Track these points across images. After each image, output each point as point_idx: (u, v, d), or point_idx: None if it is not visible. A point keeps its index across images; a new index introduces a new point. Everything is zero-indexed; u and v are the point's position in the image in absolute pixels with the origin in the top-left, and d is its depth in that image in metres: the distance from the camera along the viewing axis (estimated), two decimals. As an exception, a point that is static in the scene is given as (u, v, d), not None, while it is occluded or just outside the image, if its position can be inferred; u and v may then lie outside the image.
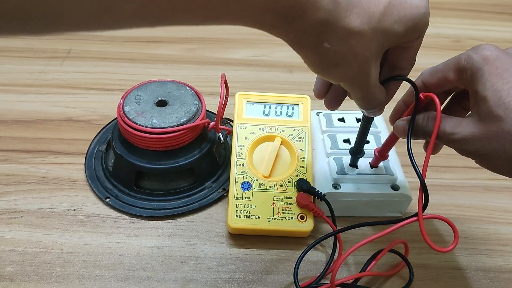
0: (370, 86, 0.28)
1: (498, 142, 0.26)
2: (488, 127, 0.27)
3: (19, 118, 0.50)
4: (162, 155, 0.41)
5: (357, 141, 0.39)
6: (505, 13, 0.76)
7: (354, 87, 0.28)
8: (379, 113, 0.32)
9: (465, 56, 0.28)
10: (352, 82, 0.28)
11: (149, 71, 0.59)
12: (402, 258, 0.38)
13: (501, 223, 0.43)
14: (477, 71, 0.27)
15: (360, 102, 0.31)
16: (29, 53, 0.60)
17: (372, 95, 0.29)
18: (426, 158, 0.30)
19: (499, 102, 0.26)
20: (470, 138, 0.28)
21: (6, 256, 0.37)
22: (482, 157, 0.28)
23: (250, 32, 0.70)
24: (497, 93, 0.26)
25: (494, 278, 0.38)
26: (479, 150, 0.28)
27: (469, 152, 0.28)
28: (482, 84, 0.27)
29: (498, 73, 0.27)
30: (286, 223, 0.38)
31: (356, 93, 0.29)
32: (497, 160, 0.27)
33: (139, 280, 0.36)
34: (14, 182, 0.43)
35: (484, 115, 0.27)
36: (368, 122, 0.36)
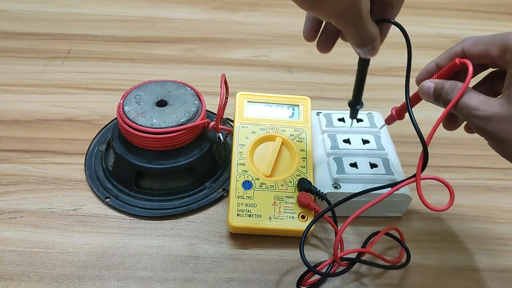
0: (363, 20, 0.27)
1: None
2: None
3: (19, 118, 0.50)
4: (162, 155, 0.41)
5: (355, 89, 0.36)
6: (505, 13, 0.76)
7: (346, 22, 0.27)
8: (373, 53, 0.31)
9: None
10: (344, 16, 0.27)
11: (149, 71, 0.59)
12: (398, 241, 0.39)
13: (501, 223, 0.43)
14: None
15: (354, 39, 0.29)
16: (29, 53, 0.60)
17: (366, 30, 0.28)
18: (437, 122, 0.30)
19: None
20: (493, 118, 0.27)
21: (6, 256, 0.37)
22: (498, 140, 0.27)
23: (250, 32, 0.70)
24: None
25: (494, 278, 0.38)
26: (498, 132, 0.27)
27: (487, 131, 0.28)
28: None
29: None
30: (287, 222, 0.38)
31: (349, 29, 0.28)
32: (510, 145, 0.27)
33: (139, 280, 0.36)
34: (14, 182, 0.43)
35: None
36: (365, 66, 0.34)
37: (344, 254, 0.36)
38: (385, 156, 0.43)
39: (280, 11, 0.72)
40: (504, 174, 0.47)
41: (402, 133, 0.47)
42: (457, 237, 0.41)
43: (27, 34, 0.64)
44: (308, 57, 0.63)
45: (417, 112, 0.33)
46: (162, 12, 0.71)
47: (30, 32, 0.64)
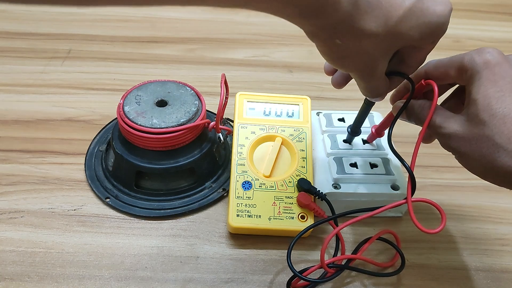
0: (375, 79, 0.30)
1: (477, 145, 0.27)
2: (472, 129, 0.28)
3: (19, 118, 0.50)
4: (162, 155, 0.41)
5: (356, 121, 0.41)
6: (505, 13, 0.76)
7: (359, 78, 0.30)
8: (379, 100, 0.34)
9: (469, 57, 0.29)
10: (358, 73, 0.30)
11: (149, 71, 0.59)
12: (393, 246, 0.38)
13: (501, 223, 0.43)
14: (476, 74, 0.28)
15: (363, 90, 0.33)
16: (29, 53, 0.60)
17: (375, 87, 0.31)
18: (417, 145, 0.32)
19: (487, 108, 0.27)
20: (454, 135, 0.29)
21: (6, 256, 0.37)
22: (461, 155, 0.29)
23: (250, 32, 0.70)
24: (488, 99, 0.27)
25: (494, 278, 0.38)
26: (459, 148, 0.29)
27: (450, 147, 0.30)
28: (476, 87, 0.28)
29: (495, 79, 0.27)
30: (287, 223, 0.38)
31: (361, 83, 0.31)
32: (472, 160, 0.28)
33: (139, 280, 0.36)
34: (14, 182, 0.43)
35: (471, 116, 0.28)
36: (369, 106, 0.38)
37: (332, 260, 0.35)
38: (385, 156, 0.43)
39: (280, 11, 0.72)
40: (504, 174, 0.47)
41: (402, 133, 0.47)
42: (457, 238, 0.41)
43: (27, 34, 0.64)
44: (308, 57, 0.63)
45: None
46: (162, 12, 0.71)
47: (30, 32, 0.64)
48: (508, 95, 0.27)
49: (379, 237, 0.38)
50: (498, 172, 0.27)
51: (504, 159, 0.26)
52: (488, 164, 0.27)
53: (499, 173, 0.27)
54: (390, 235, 0.39)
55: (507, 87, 0.27)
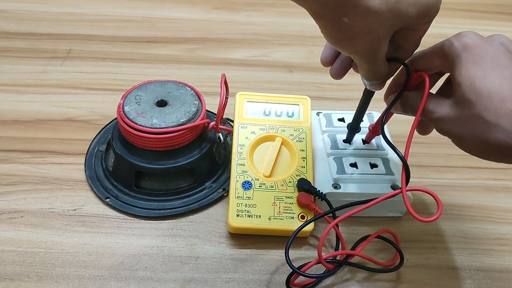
0: (378, 60, 0.30)
1: (468, 125, 0.28)
2: (461, 110, 0.28)
3: (19, 118, 0.50)
4: (162, 155, 0.41)
5: (356, 116, 0.40)
6: (505, 13, 0.76)
7: (363, 60, 0.30)
8: (379, 87, 0.34)
9: (448, 43, 0.30)
10: (362, 55, 0.30)
11: (149, 71, 0.59)
12: (392, 244, 0.38)
13: (501, 223, 0.43)
14: (456, 58, 0.29)
15: (365, 74, 0.33)
16: (29, 53, 0.60)
17: (378, 69, 0.31)
18: (410, 133, 0.32)
19: (471, 88, 0.27)
20: (445, 119, 0.29)
21: (6, 256, 0.37)
22: (456, 137, 0.30)
23: (250, 32, 0.70)
24: (470, 79, 0.27)
25: (494, 278, 0.38)
26: (453, 131, 0.29)
27: (444, 131, 0.30)
28: (458, 70, 0.28)
29: (475, 60, 0.28)
30: (287, 223, 0.38)
31: (364, 65, 0.31)
32: (466, 141, 0.29)
33: (139, 280, 0.36)
34: (14, 182, 0.43)
35: (458, 99, 0.28)
36: (369, 97, 0.38)
37: (330, 255, 0.36)
38: (385, 156, 0.43)
39: (280, 11, 0.72)
40: (504, 174, 0.47)
41: (402, 133, 0.47)
42: (457, 237, 0.41)
43: (27, 34, 0.64)
44: (308, 57, 0.63)
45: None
46: (162, 12, 0.71)
47: (30, 32, 0.64)
48: (490, 73, 0.27)
49: (379, 236, 0.38)
50: (493, 149, 0.28)
51: (496, 134, 0.27)
52: (482, 142, 0.28)
53: (494, 150, 0.28)
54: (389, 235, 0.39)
55: (488, 65, 0.27)
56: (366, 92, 0.37)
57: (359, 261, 0.38)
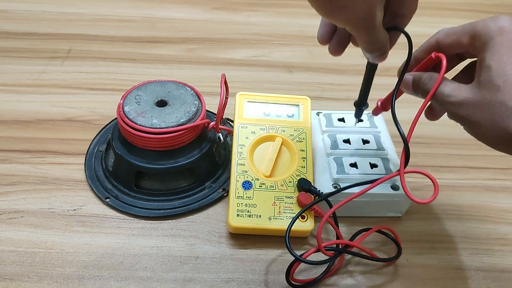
0: (375, 29, 0.29)
1: (489, 111, 0.27)
2: (484, 94, 0.27)
3: (19, 118, 0.50)
4: (162, 155, 0.41)
5: (362, 91, 0.39)
6: (505, 13, 0.76)
7: (360, 30, 0.29)
8: (382, 59, 0.33)
9: (482, 23, 0.29)
10: (358, 25, 0.28)
11: (149, 71, 0.59)
12: (390, 238, 0.39)
13: (501, 223, 0.43)
14: (490, 40, 0.28)
15: (365, 45, 0.31)
16: (29, 53, 0.60)
17: (377, 38, 0.30)
18: (417, 114, 0.31)
19: (501, 73, 0.26)
20: (464, 103, 0.28)
21: (6, 256, 0.37)
22: (471, 124, 0.29)
23: (250, 32, 0.70)
24: (502, 64, 0.27)
25: (494, 278, 0.38)
26: (470, 116, 0.28)
27: (460, 116, 0.29)
28: (490, 53, 0.27)
29: (509, 46, 0.27)
30: (287, 223, 0.38)
31: (362, 35, 0.30)
32: (483, 128, 0.28)
33: (139, 280, 0.36)
34: (14, 182, 0.43)
35: (484, 82, 0.27)
36: (372, 70, 0.36)
37: (329, 243, 0.36)
38: (385, 156, 0.43)
39: (280, 11, 0.72)
40: (504, 174, 0.47)
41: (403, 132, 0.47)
42: (457, 238, 0.41)
43: (27, 34, 0.64)
44: (308, 57, 0.63)
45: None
46: (162, 12, 0.71)
47: (30, 32, 0.64)
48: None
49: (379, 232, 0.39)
50: (511, 139, 0.27)
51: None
52: (501, 130, 0.27)
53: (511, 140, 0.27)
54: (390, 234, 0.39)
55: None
56: (369, 66, 0.36)
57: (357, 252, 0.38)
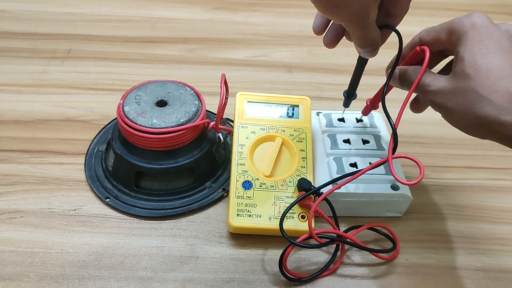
0: (368, 26, 0.31)
1: (462, 98, 0.29)
2: (457, 83, 0.30)
3: (19, 118, 0.50)
4: (162, 155, 0.41)
5: (351, 83, 0.41)
6: (505, 13, 0.76)
7: (353, 26, 0.31)
8: (373, 54, 0.35)
9: (458, 20, 0.31)
10: (352, 21, 0.30)
11: (149, 71, 0.59)
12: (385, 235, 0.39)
13: (499, 222, 0.43)
14: (463, 34, 0.30)
15: (357, 41, 0.33)
16: (29, 53, 0.60)
17: (369, 35, 0.32)
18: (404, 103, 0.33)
19: (472, 63, 0.29)
20: (440, 91, 0.31)
21: (5, 256, 0.37)
22: (447, 111, 0.31)
23: (250, 32, 0.70)
24: (473, 55, 0.29)
25: (493, 277, 0.38)
26: (445, 104, 0.31)
27: (437, 104, 0.32)
28: (463, 46, 0.30)
29: (480, 39, 0.29)
30: (287, 223, 0.38)
31: (355, 32, 0.32)
32: (457, 113, 0.30)
33: (139, 280, 0.36)
34: (14, 182, 0.43)
35: (457, 72, 0.30)
36: (363, 63, 0.38)
37: (322, 231, 0.36)
38: (385, 156, 0.42)
39: (280, 11, 0.72)
40: (504, 174, 0.47)
41: (401, 133, 0.47)
42: (456, 237, 0.41)
43: (27, 34, 0.64)
44: (308, 57, 0.63)
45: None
46: (162, 12, 0.71)
47: (30, 32, 0.64)
48: (492, 52, 0.29)
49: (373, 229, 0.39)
50: (481, 123, 0.29)
51: (487, 108, 0.28)
52: (472, 115, 0.29)
53: (482, 124, 0.29)
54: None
55: (492, 46, 0.29)
56: (360, 59, 0.38)
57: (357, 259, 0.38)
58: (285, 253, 0.35)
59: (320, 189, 0.38)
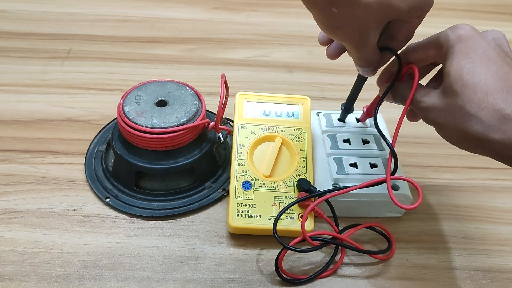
0: (367, 49, 0.32)
1: (452, 114, 0.29)
2: (446, 100, 0.30)
3: (19, 118, 0.50)
4: (162, 155, 0.41)
5: (350, 98, 0.42)
6: (505, 13, 0.76)
7: (352, 47, 0.32)
8: (372, 74, 0.36)
9: (443, 34, 0.31)
10: (351, 43, 0.31)
11: (149, 71, 0.59)
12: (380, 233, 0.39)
13: (500, 223, 0.43)
14: (450, 48, 0.30)
15: (355, 60, 0.34)
16: (29, 53, 0.60)
17: (367, 57, 0.33)
18: (399, 121, 0.34)
19: (459, 79, 0.29)
20: (431, 108, 0.31)
21: (6, 256, 0.37)
22: (438, 126, 0.31)
23: (250, 32, 0.70)
24: (459, 70, 0.29)
25: (493, 278, 0.38)
26: (437, 120, 0.31)
27: (429, 120, 0.32)
28: (450, 60, 0.30)
29: (466, 52, 0.29)
30: (287, 223, 0.38)
31: (354, 52, 0.32)
32: (449, 130, 0.30)
33: (139, 280, 0.36)
34: (14, 182, 0.43)
35: (446, 89, 0.30)
36: (362, 81, 0.39)
37: (315, 234, 0.36)
38: (385, 156, 0.43)
39: (280, 11, 0.72)
40: (504, 174, 0.47)
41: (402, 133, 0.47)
42: (456, 238, 0.41)
43: (27, 34, 0.64)
44: (308, 57, 0.63)
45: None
46: (162, 12, 0.71)
47: (30, 32, 0.64)
48: (478, 66, 0.28)
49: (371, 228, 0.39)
50: (470, 139, 0.29)
51: (475, 126, 0.28)
52: (461, 132, 0.29)
53: (471, 140, 0.29)
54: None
55: (478, 59, 0.29)
56: (360, 76, 0.39)
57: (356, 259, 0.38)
58: (280, 257, 0.35)
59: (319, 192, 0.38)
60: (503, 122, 0.27)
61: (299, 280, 0.36)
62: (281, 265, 0.36)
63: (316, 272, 0.37)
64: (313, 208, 0.37)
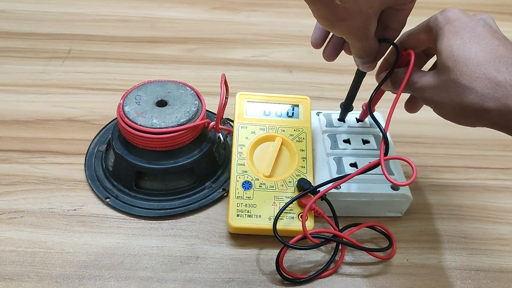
0: (369, 38, 0.32)
1: (446, 90, 0.30)
2: (440, 77, 0.30)
3: (19, 118, 0.50)
4: (162, 155, 0.41)
5: (348, 96, 0.42)
6: (505, 13, 0.76)
7: (355, 39, 0.32)
8: (371, 67, 0.36)
9: (433, 18, 0.32)
10: (355, 34, 0.32)
11: (149, 71, 0.59)
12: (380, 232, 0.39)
13: (501, 223, 0.43)
14: (439, 30, 0.31)
15: (358, 52, 0.34)
16: (29, 53, 0.60)
17: (369, 46, 0.33)
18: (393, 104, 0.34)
19: (450, 55, 0.29)
20: (426, 87, 0.32)
21: (6, 256, 0.37)
22: (435, 104, 0.31)
23: (250, 32, 0.70)
24: (450, 47, 0.30)
25: (494, 278, 0.38)
26: (433, 98, 0.31)
27: (425, 99, 0.32)
28: (440, 40, 0.30)
29: (455, 31, 0.30)
30: (287, 222, 0.38)
31: (357, 44, 0.33)
32: (445, 107, 0.31)
33: (139, 280, 0.36)
34: (14, 182, 0.43)
35: (439, 67, 0.31)
36: (361, 77, 0.40)
37: (316, 231, 0.36)
38: (385, 156, 0.42)
39: (280, 11, 0.72)
40: (504, 174, 0.47)
41: (402, 133, 0.47)
42: (456, 238, 0.41)
43: (27, 34, 0.64)
44: (308, 57, 0.63)
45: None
46: (162, 12, 0.71)
47: (30, 32, 0.64)
48: (468, 42, 0.29)
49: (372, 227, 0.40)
50: (467, 112, 0.29)
51: (470, 97, 0.28)
52: (457, 106, 0.29)
53: (468, 113, 0.29)
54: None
55: (467, 36, 0.29)
56: (358, 72, 0.39)
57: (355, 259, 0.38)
58: (280, 255, 0.35)
59: (316, 189, 0.38)
60: (496, 90, 0.27)
61: (299, 279, 0.36)
62: (281, 263, 0.36)
63: (316, 271, 0.37)
64: (312, 204, 0.37)
